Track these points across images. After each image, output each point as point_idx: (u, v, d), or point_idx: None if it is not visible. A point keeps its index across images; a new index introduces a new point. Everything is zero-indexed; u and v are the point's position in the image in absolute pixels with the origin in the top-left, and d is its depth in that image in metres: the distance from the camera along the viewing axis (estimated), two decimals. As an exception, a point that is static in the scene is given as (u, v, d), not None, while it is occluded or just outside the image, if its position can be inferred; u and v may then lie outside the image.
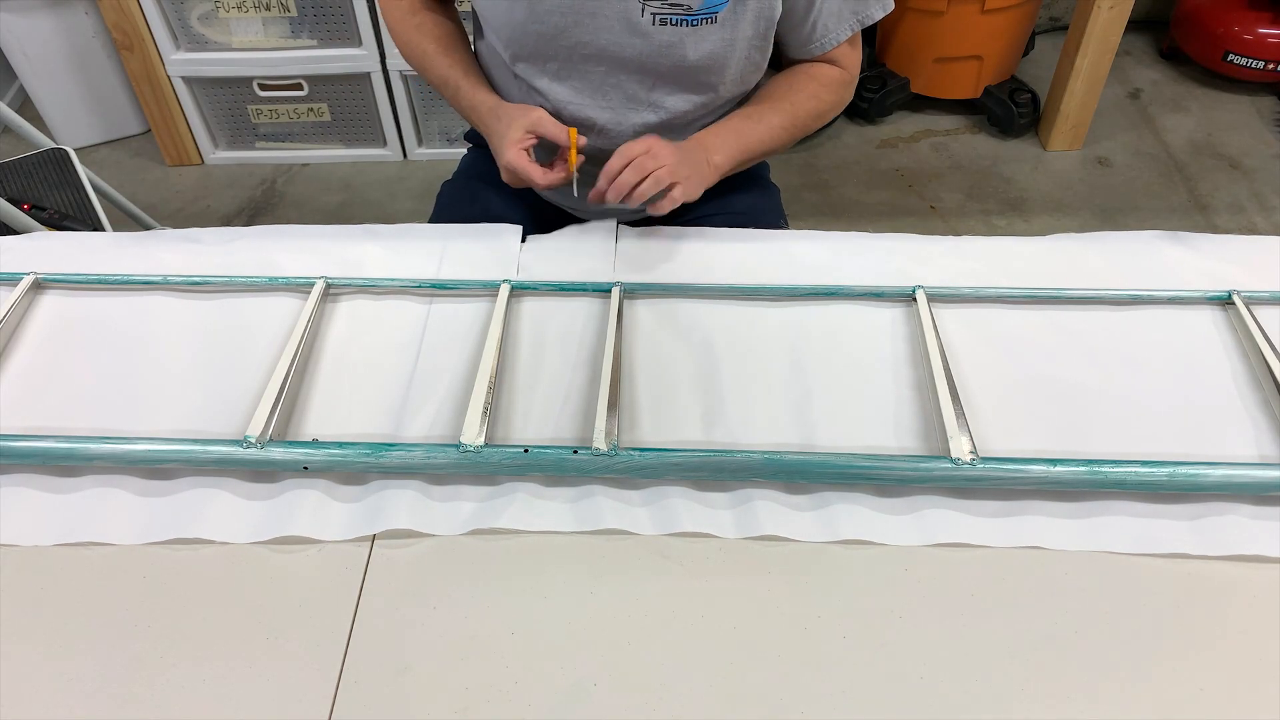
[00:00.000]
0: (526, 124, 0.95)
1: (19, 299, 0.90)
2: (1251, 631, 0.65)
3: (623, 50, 0.95)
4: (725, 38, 0.94)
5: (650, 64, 0.96)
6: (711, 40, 0.94)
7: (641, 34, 0.93)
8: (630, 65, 0.97)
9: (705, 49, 0.94)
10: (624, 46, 0.95)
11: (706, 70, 0.97)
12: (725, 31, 0.94)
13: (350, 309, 0.91)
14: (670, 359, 0.85)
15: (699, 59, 0.95)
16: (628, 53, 0.95)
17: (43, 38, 2.25)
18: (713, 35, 0.94)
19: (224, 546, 0.72)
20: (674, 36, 0.93)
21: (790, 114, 1.00)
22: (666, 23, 0.92)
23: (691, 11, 0.91)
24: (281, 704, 0.62)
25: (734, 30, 0.94)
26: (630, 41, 0.94)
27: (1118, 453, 0.76)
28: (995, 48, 2.30)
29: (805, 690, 0.63)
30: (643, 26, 0.93)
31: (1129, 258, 0.95)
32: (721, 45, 0.95)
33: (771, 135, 1.00)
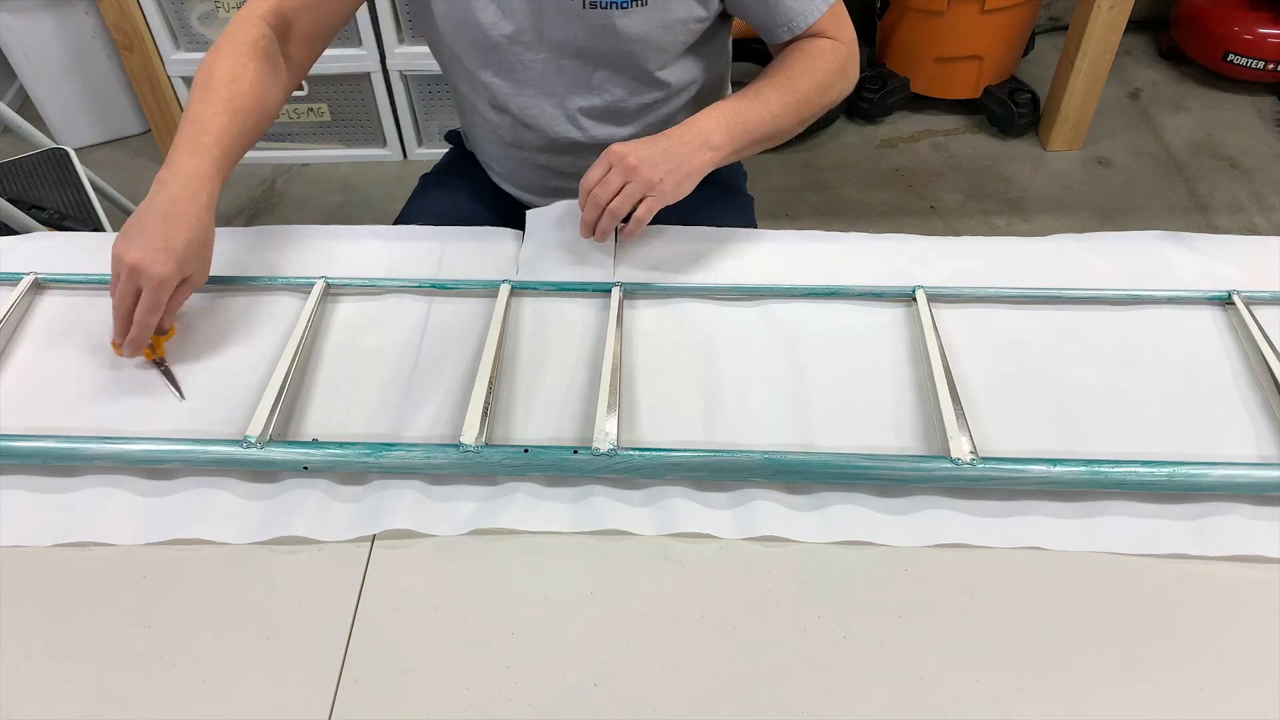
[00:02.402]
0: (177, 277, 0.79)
1: (19, 299, 0.90)
2: (1251, 631, 0.65)
3: (559, 35, 0.96)
4: (656, 20, 0.94)
5: (587, 48, 0.97)
6: (642, 22, 0.94)
7: (574, 18, 0.94)
8: (567, 50, 0.97)
9: (637, 31, 0.94)
10: (559, 31, 0.95)
11: (641, 55, 0.97)
12: (655, 14, 0.93)
13: (350, 309, 0.91)
14: (670, 359, 0.85)
15: (632, 42, 0.95)
16: (564, 37, 0.96)
17: (43, 38, 2.25)
18: (643, 17, 0.93)
19: (224, 546, 0.72)
20: (605, 20, 0.93)
21: (790, 89, 0.95)
22: (597, 5, 0.92)
23: None
24: (281, 704, 0.62)
25: (665, 12, 0.94)
26: (565, 26, 0.95)
27: (1118, 453, 0.76)
28: (995, 48, 2.30)
29: (805, 690, 0.63)
30: (575, 10, 0.93)
31: (1129, 258, 0.95)
32: (653, 28, 0.94)
33: (773, 112, 0.95)
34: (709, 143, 0.90)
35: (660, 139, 0.90)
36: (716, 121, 0.92)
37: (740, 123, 0.92)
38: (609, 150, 0.88)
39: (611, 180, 0.87)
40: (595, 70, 1.00)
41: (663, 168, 0.87)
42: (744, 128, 0.93)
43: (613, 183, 0.87)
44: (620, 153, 0.87)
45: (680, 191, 0.90)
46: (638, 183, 0.87)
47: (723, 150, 0.92)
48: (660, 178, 0.87)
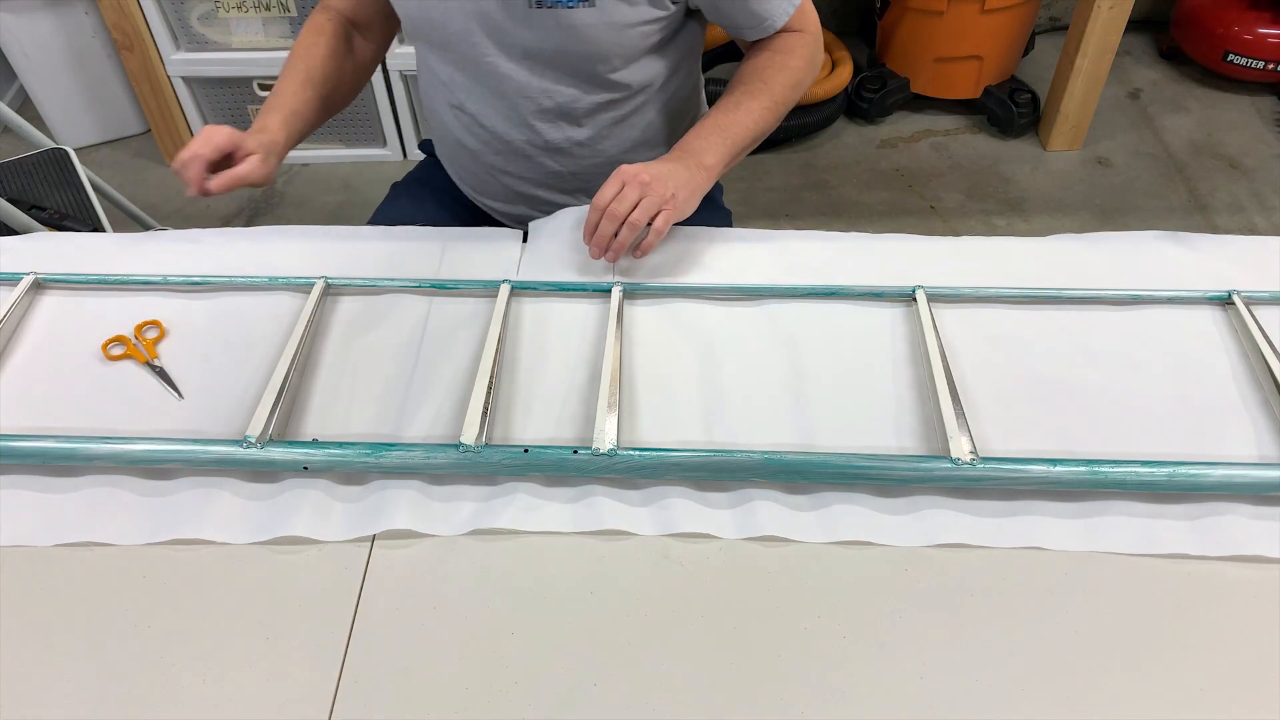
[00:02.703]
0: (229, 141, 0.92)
1: (19, 299, 0.90)
2: (1251, 631, 0.65)
3: (507, 36, 0.96)
4: (605, 22, 0.94)
5: (535, 49, 0.97)
6: (589, 25, 0.93)
7: (523, 18, 0.94)
8: (516, 51, 0.98)
9: (584, 34, 0.94)
10: (507, 32, 0.95)
11: (590, 57, 0.97)
12: (604, 16, 0.93)
13: (350, 309, 0.91)
14: (670, 359, 0.85)
15: (580, 43, 0.95)
16: (512, 38, 0.96)
17: (43, 38, 2.25)
18: (591, 19, 0.93)
19: (224, 546, 0.72)
20: (552, 19, 0.93)
21: (766, 92, 0.98)
22: (543, 5, 0.92)
23: None
24: (281, 704, 0.62)
25: (615, 15, 0.93)
26: (512, 27, 0.95)
27: (1118, 453, 0.76)
28: (995, 48, 2.30)
29: (805, 690, 0.63)
30: (521, 10, 0.93)
31: (1129, 257, 0.95)
32: (602, 30, 0.94)
33: (754, 119, 0.97)
34: (703, 163, 0.93)
35: (661, 161, 0.91)
36: (705, 142, 0.95)
37: (728, 139, 0.96)
38: (620, 169, 0.89)
39: (627, 195, 0.87)
40: (546, 71, 1.00)
41: (673, 183, 0.89)
42: (731, 142, 0.96)
43: (629, 197, 0.87)
44: (633, 171, 0.88)
45: (690, 206, 0.91)
46: (654, 197, 0.87)
47: (716, 169, 0.95)
48: (673, 192, 0.88)
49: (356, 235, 1.01)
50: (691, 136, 0.95)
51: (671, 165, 0.91)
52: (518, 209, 1.17)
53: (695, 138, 0.95)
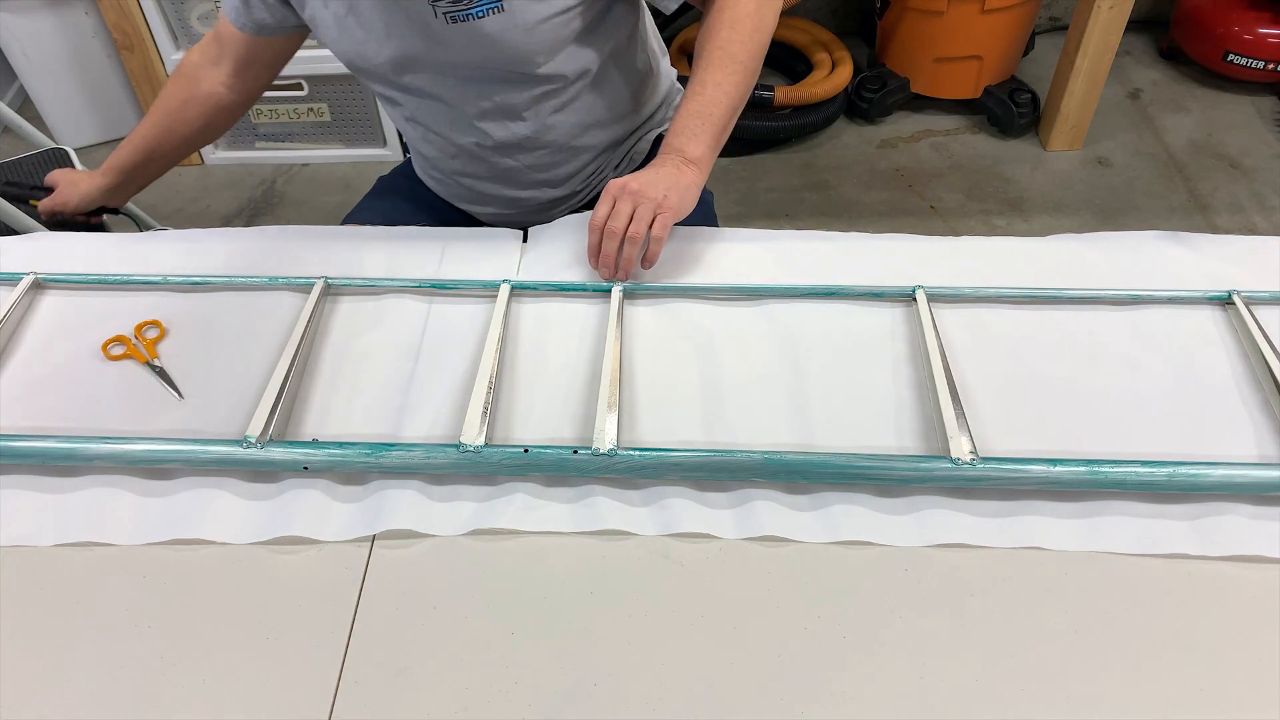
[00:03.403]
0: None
1: (19, 299, 0.90)
2: (1251, 631, 0.65)
3: (432, 55, 0.96)
4: (517, 24, 0.93)
5: (460, 62, 0.97)
6: (504, 28, 0.93)
7: (441, 35, 0.93)
8: (444, 67, 0.98)
9: (499, 39, 0.93)
10: (430, 51, 0.96)
11: (513, 60, 0.96)
12: (515, 18, 0.92)
13: (350, 309, 0.91)
14: (670, 359, 0.85)
15: (498, 50, 0.94)
16: (437, 57, 0.96)
17: (43, 38, 2.25)
18: (503, 23, 0.92)
19: (224, 546, 0.72)
20: (468, 32, 0.92)
21: (726, 57, 0.94)
22: (456, 19, 0.92)
23: (473, 4, 0.90)
24: (281, 704, 0.62)
25: (525, 15, 0.92)
26: (435, 46, 0.95)
27: (1118, 453, 0.76)
28: (995, 48, 2.30)
29: (805, 690, 0.63)
30: (438, 28, 0.93)
31: (1129, 257, 0.95)
32: (517, 33, 0.93)
33: (725, 93, 0.93)
34: (688, 157, 0.92)
35: (646, 169, 0.91)
36: (684, 136, 0.93)
37: (704, 123, 0.93)
38: (608, 185, 0.89)
39: (621, 209, 0.87)
40: (477, 81, 1.00)
41: (662, 186, 0.88)
42: (711, 126, 0.93)
43: (623, 211, 0.87)
44: (619, 184, 0.88)
45: (685, 205, 0.90)
46: (646, 204, 0.87)
47: (704, 158, 0.93)
48: (664, 194, 0.88)
49: (356, 235, 1.01)
50: (670, 134, 0.94)
51: (656, 170, 0.90)
52: (487, 209, 1.17)
53: (673, 134, 0.94)
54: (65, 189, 1.18)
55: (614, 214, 0.87)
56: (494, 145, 1.07)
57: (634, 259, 0.89)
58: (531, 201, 1.14)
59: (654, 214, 0.87)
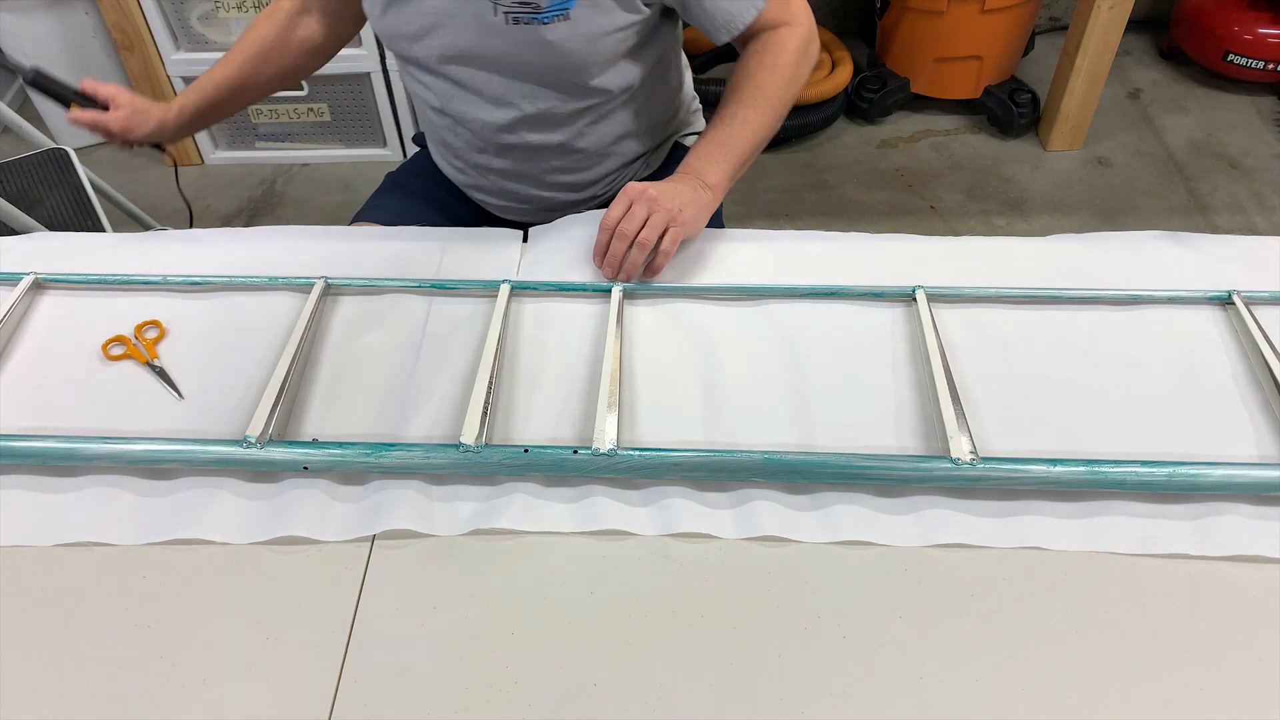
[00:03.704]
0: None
1: (19, 299, 0.90)
2: (1251, 631, 0.65)
3: (484, 51, 0.96)
4: (582, 34, 0.93)
5: (513, 63, 0.97)
6: (566, 38, 0.93)
7: (498, 34, 0.93)
8: (495, 65, 0.97)
9: (562, 47, 0.94)
10: (485, 47, 0.95)
11: (569, 69, 0.97)
12: (579, 28, 0.93)
13: (350, 309, 0.91)
14: (670, 359, 0.85)
15: (557, 57, 0.95)
16: (489, 53, 0.96)
17: (43, 38, 2.25)
18: (565, 32, 0.93)
19: (224, 546, 0.72)
20: (529, 35, 0.92)
21: (760, 97, 0.97)
22: (519, 21, 0.92)
23: (540, 10, 0.91)
24: (281, 704, 0.62)
25: (590, 26, 0.93)
26: (489, 42, 0.94)
27: (1118, 453, 0.76)
28: (995, 48, 2.30)
29: (805, 690, 0.63)
30: (498, 26, 0.92)
31: (1129, 257, 0.95)
32: (579, 43, 0.94)
33: (751, 129, 0.97)
34: (707, 182, 0.93)
35: (665, 181, 0.92)
36: (706, 160, 0.95)
37: (729, 153, 0.95)
38: (626, 188, 0.89)
39: (636, 213, 0.88)
40: (524, 81, 1.00)
41: (679, 200, 0.89)
42: (732, 157, 0.96)
43: (637, 215, 0.87)
44: (639, 188, 0.89)
45: (698, 224, 0.92)
46: (661, 212, 0.87)
47: (720, 185, 0.95)
48: (680, 207, 0.89)
49: (356, 235, 1.01)
50: (692, 156, 0.96)
51: (676, 184, 0.91)
52: (504, 202, 1.17)
53: (695, 157, 0.95)
54: (135, 116, 1.10)
55: (628, 216, 0.88)
56: (526, 147, 1.06)
57: (639, 264, 0.89)
58: (551, 201, 1.15)
59: (667, 224, 0.88)
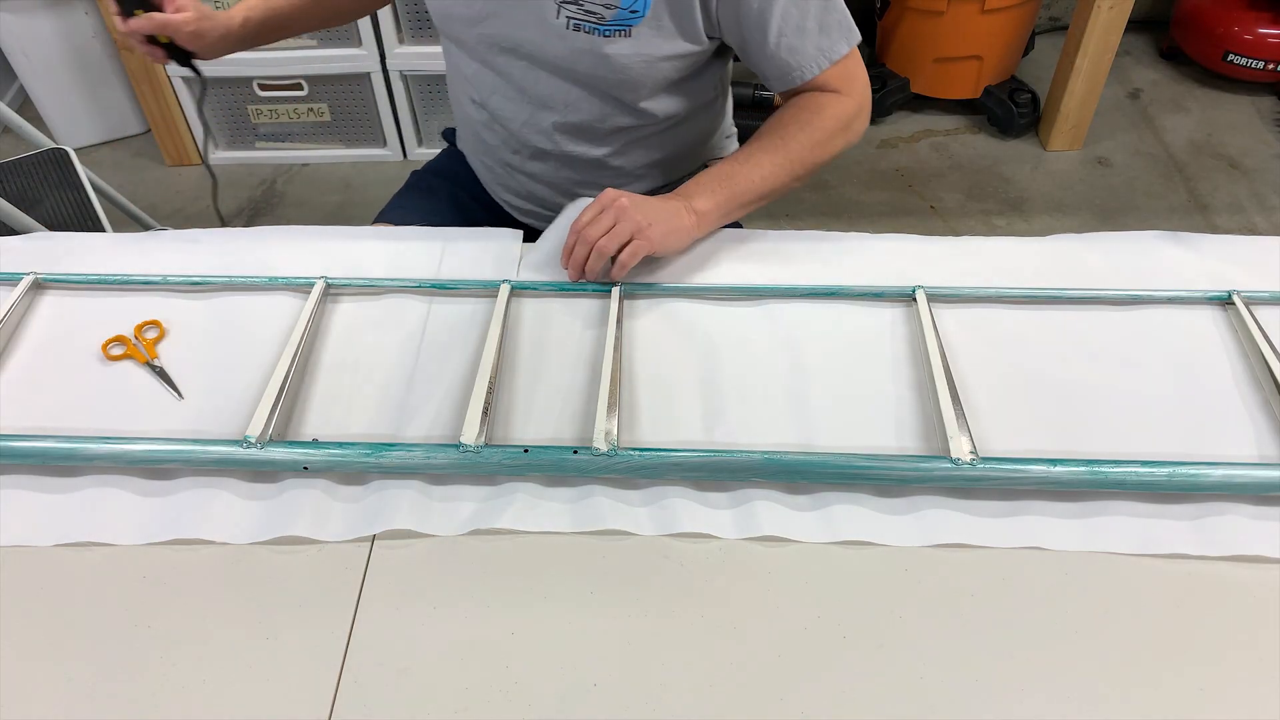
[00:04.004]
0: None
1: (19, 299, 0.90)
2: (1251, 631, 0.65)
3: (539, 49, 0.95)
4: (639, 54, 0.93)
5: (565, 67, 0.96)
6: (624, 53, 0.92)
7: (555, 35, 0.93)
8: (547, 65, 0.97)
9: (618, 61, 0.93)
10: (540, 46, 0.95)
11: (620, 85, 0.96)
12: (639, 47, 0.92)
13: (350, 309, 0.91)
14: (670, 359, 0.85)
15: (609, 72, 0.94)
16: (544, 53, 0.95)
17: (43, 38, 2.25)
18: (625, 49, 0.92)
19: (224, 546, 0.72)
20: (587, 44, 0.92)
21: (782, 149, 0.95)
22: (580, 29, 0.91)
23: (603, 22, 0.90)
24: (281, 704, 0.62)
25: (649, 48, 0.93)
26: (546, 41, 0.94)
27: (1118, 453, 0.76)
28: (995, 48, 2.30)
29: (805, 690, 0.63)
30: (557, 28, 0.92)
31: (1129, 258, 0.95)
32: (635, 62, 0.93)
33: (761, 175, 0.95)
34: (694, 206, 0.92)
35: (651, 198, 0.90)
36: (702, 187, 0.93)
37: (727, 189, 0.93)
38: (604, 194, 0.89)
39: (602, 220, 0.87)
40: (573, 88, 0.99)
41: (651, 216, 0.88)
42: (731, 193, 0.94)
43: (603, 222, 0.87)
44: (613, 195, 0.88)
45: (667, 244, 0.90)
46: (627, 222, 0.86)
47: (709, 215, 0.93)
48: (650, 222, 0.87)
49: (357, 235, 1.01)
50: (691, 181, 0.94)
51: (659, 200, 0.90)
52: (527, 204, 1.17)
53: (693, 182, 0.94)
54: (203, 21, 1.02)
55: (594, 222, 0.87)
56: (561, 155, 1.06)
57: (597, 270, 0.89)
58: None
59: (631, 235, 0.87)
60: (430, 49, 2.17)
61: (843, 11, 0.94)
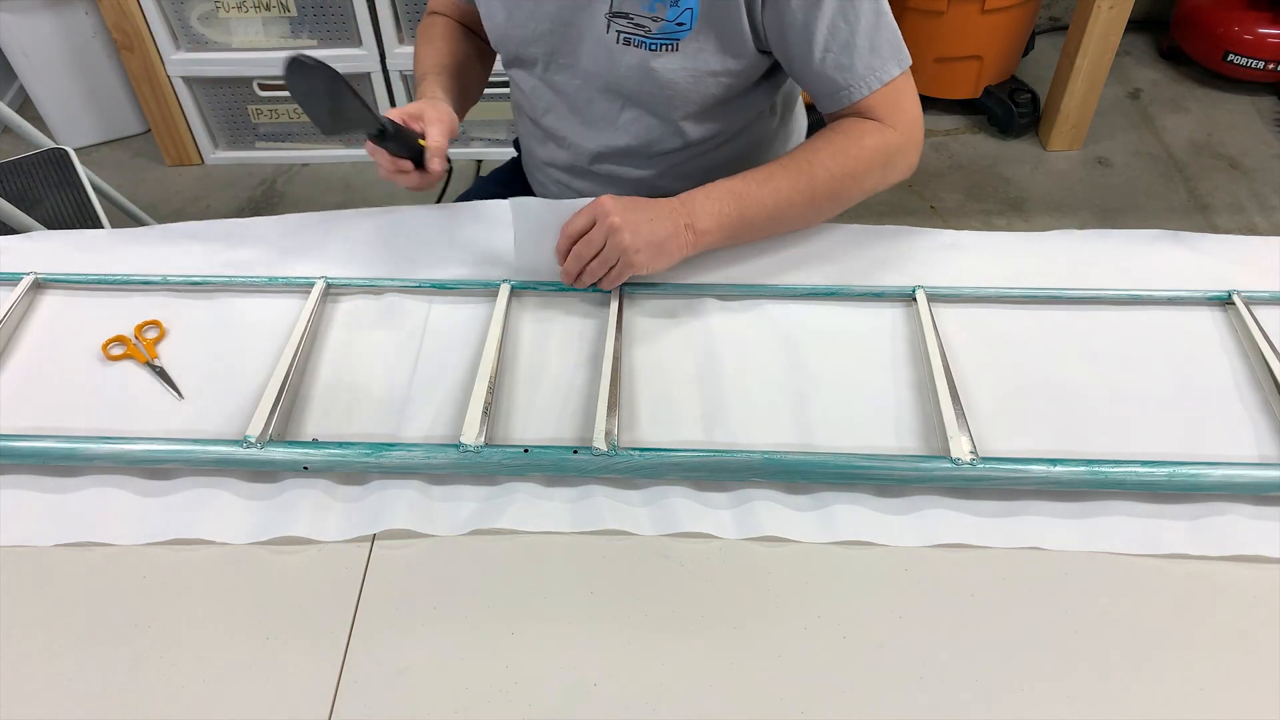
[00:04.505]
0: (412, 112, 0.93)
1: (19, 299, 0.90)
2: (1251, 631, 0.65)
3: (593, 65, 0.95)
4: (686, 68, 0.91)
5: (617, 83, 0.95)
6: (671, 68, 0.91)
7: (606, 50, 0.92)
8: (600, 81, 0.96)
9: (664, 77, 0.92)
10: (594, 61, 0.94)
11: (668, 101, 0.95)
12: (686, 61, 0.91)
13: (350, 309, 0.92)
14: (670, 359, 0.85)
15: (657, 87, 0.93)
16: (597, 68, 0.95)
17: (43, 38, 2.25)
18: (673, 63, 0.91)
19: (224, 547, 0.72)
20: (636, 58, 0.91)
21: (806, 174, 0.88)
22: (629, 43, 0.91)
23: (650, 35, 0.89)
24: (281, 704, 0.62)
25: (695, 61, 0.91)
26: (599, 56, 0.93)
27: (1118, 453, 0.76)
28: (995, 48, 2.30)
29: (805, 690, 0.63)
30: (609, 43, 0.92)
31: (1129, 258, 0.95)
32: (682, 75, 0.92)
33: (776, 200, 0.88)
34: (694, 226, 0.87)
35: (649, 206, 0.86)
36: (710, 203, 0.87)
37: (736, 209, 0.88)
38: (597, 203, 0.85)
39: (593, 238, 0.84)
40: (624, 108, 0.98)
41: (644, 237, 0.84)
42: (740, 215, 0.88)
43: (594, 241, 0.84)
44: (606, 209, 0.84)
45: (654, 267, 0.87)
46: (614, 246, 0.83)
47: (710, 236, 0.88)
48: (639, 247, 0.84)
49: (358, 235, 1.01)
50: (702, 193, 0.88)
51: (652, 215, 0.85)
52: None
53: (705, 195, 0.88)
54: (442, 123, 0.93)
55: (586, 240, 0.85)
56: (610, 177, 1.05)
57: (586, 284, 0.87)
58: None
59: (618, 259, 0.84)
60: (430, 49, 2.17)
61: (894, 31, 0.89)
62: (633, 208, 0.85)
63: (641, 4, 0.88)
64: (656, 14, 0.88)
